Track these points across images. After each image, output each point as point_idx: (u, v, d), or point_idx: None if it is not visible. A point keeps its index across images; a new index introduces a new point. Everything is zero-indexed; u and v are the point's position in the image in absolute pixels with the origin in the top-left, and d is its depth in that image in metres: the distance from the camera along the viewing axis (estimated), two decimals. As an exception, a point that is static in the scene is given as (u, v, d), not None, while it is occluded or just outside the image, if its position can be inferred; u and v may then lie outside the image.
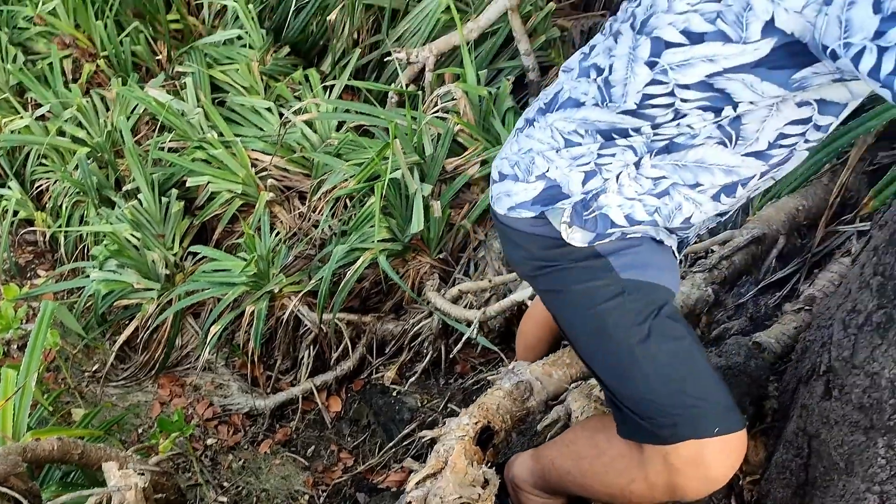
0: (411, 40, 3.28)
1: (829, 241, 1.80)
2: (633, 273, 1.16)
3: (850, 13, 0.79)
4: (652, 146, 1.06)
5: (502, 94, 2.91)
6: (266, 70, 3.48)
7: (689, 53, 0.93)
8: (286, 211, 3.26)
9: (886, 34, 0.77)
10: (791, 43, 0.87)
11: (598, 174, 1.11)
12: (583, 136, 1.11)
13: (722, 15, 0.89)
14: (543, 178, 1.16)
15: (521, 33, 3.05)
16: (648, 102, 1.01)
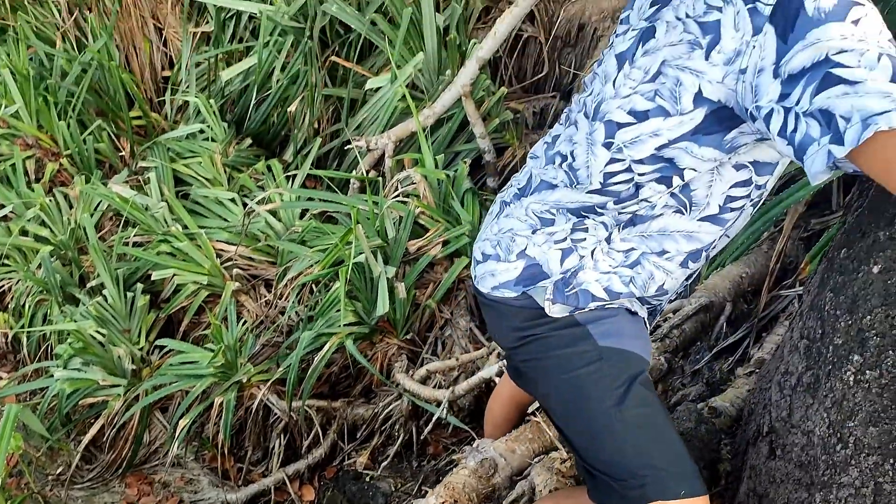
0: (370, 128, 3.42)
1: (773, 306, 1.91)
2: (610, 341, 1.25)
3: (759, 80, 0.92)
4: (619, 220, 1.19)
5: (460, 177, 3.04)
6: (229, 162, 3.59)
7: (638, 130, 1.07)
8: (252, 299, 3.31)
9: (789, 96, 0.88)
10: (719, 109, 1.00)
11: (574, 251, 1.23)
12: (555, 215, 1.24)
13: (659, 92, 1.03)
14: (524, 257, 1.26)
15: (475, 118, 3.21)
16: (611, 180, 1.14)
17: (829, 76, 0.85)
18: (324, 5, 3.35)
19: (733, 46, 0.94)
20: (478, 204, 3.02)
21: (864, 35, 0.86)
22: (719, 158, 1.06)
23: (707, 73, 0.98)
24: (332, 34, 3.55)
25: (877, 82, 0.83)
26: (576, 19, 3.35)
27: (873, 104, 0.83)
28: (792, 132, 0.89)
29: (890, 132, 0.83)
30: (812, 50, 0.86)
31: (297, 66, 3.55)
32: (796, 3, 0.88)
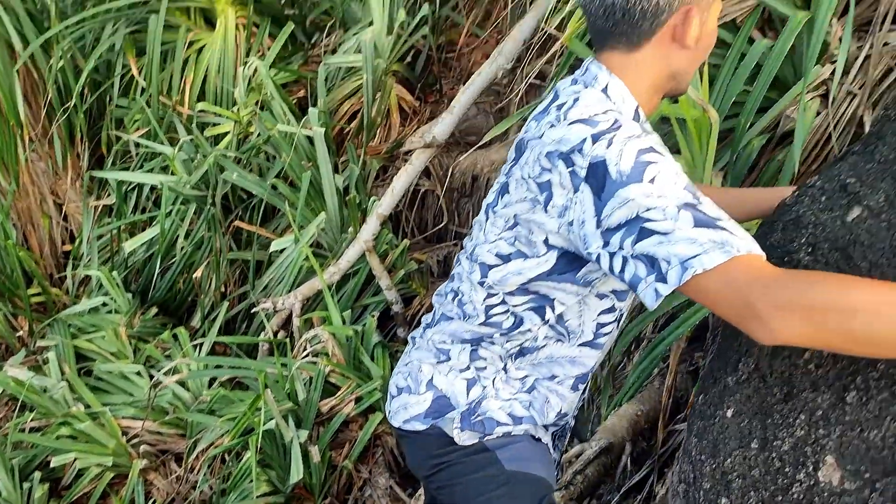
0: (277, 288, 3.48)
1: (670, 441, 2.00)
2: (516, 465, 1.35)
3: (584, 230, 1.09)
4: (510, 352, 1.33)
5: (369, 331, 3.10)
6: (134, 333, 3.56)
7: (505, 270, 1.24)
8: (162, 476, 3.20)
9: (611, 243, 1.05)
10: (566, 252, 1.18)
11: (477, 382, 1.34)
12: (451, 346, 1.36)
13: (517, 238, 1.21)
14: (431, 388, 1.36)
15: (380, 271, 3.32)
16: (492, 312, 1.29)
17: (644, 230, 1.02)
18: (224, 174, 3.48)
19: (562, 202, 1.11)
20: (388, 357, 3.07)
21: (662, 191, 1.02)
22: (580, 292, 1.23)
23: (547, 224, 1.15)
24: (235, 199, 3.66)
25: (683, 231, 0.99)
26: (469, 171, 3.57)
27: (686, 250, 0.99)
28: (621, 272, 1.05)
29: (704, 273, 0.98)
30: (625, 209, 1.03)
31: (201, 232, 3.63)
32: (602, 168, 1.05)
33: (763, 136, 2.28)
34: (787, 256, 1.17)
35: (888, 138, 1.16)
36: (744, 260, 0.99)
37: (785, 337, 0.95)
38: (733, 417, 1.16)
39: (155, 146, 3.70)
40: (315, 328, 3.15)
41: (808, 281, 0.96)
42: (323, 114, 3.36)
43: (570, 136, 1.10)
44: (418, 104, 3.76)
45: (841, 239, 1.12)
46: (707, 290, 1.00)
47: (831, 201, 1.17)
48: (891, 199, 1.10)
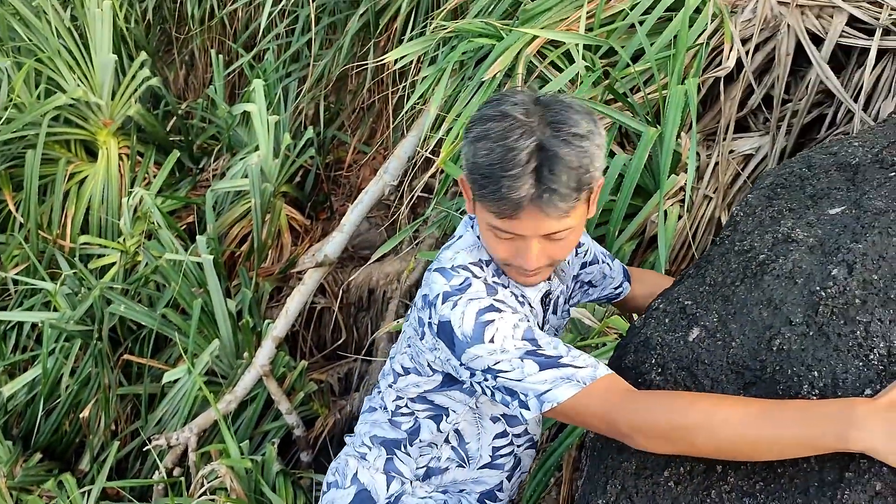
0: (172, 422, 3.37)
1: None
2: None
3: (452, 365, 1.22)
4: (417, 475, 1.43)
5: (269, 460, 3.03)
6: (15, 483, 3.35)
7: (406, 381, 1.36)
8: None
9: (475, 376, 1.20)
10: (447, 374, 1.30)
11: (396, 478, 1.43)
12: (370, 449, 1.45)
13: (413, 357, 1.34)
14: (356, 482, 1.45)
15: (278, 395, 3.28)
16: (398, 411, 1.41)
17: (498, 377, 1.16)
18: (111, 306, 3.40)
19: (430, 341, 1.25)
20: (291, 485, 3.00)
21: (503, 346, 1.15)
22: (467, 402, 1.35)
23: (426, 353, 1.28)
24: (124, 332, 3.57)
25: (531, 376, 1.14)
26: (365, 285, 3.62)
27: (539, 387, 1.13)
28: (492, 395, 1.20)
29: (560, 405, 1.12)
30: (477, 362, 1.17)
31: (88, 368, 3.50)
32: (448, 328, 1.19)
33: (633, 241, 2.44)
34: (641, 378, 1.26)
35: (716, 262, 1.28)
36: (594, 386, 1.13)
37: (647, 448, 1.10)
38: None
39: (35, 283, 3.59)
40: (212, 462, 3.05)
41: (655, 402, 1.10)
42: (212, 240, 3.37)
43: (433, 285, 1.24)
44: (309, 222, 3.83)
45: (685, 358, 1.22)
46: (569, 416, 1.15)
47: (673, 323, 1.27)
48: (723, 319, 1.21)
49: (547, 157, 1.10)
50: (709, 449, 1.05)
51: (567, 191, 1.11)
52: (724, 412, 1.03)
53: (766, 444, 1.01)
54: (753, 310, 1.17)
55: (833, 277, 1.11)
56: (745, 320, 1.17)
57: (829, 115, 2.25)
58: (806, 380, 1.08)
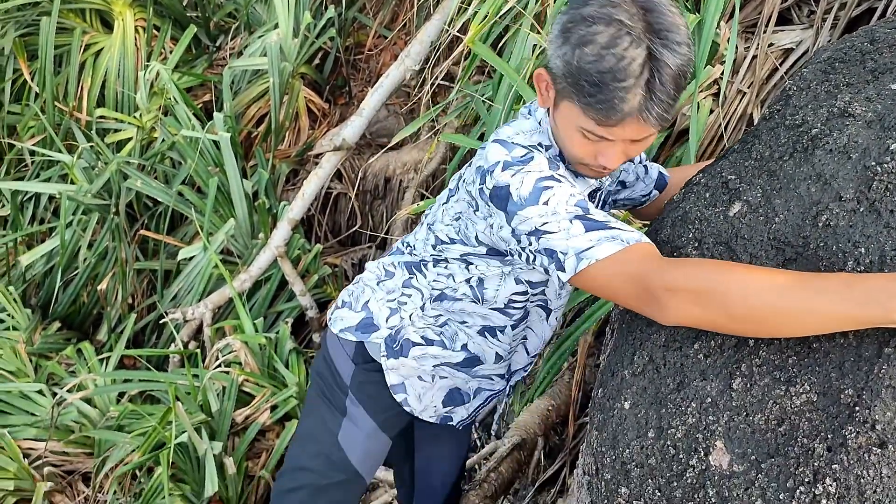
0: (187, 298, 3.40)
1: (581, 434, 2.05)
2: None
3: (501, 234, 1.24)
4: (431, 294, 1.49)
5: (282, 338, 3.06)
6: (35, 350, 3.41)
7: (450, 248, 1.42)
8: (69, 498, 3.07)
9: (520, 242, 1.20)
10: (491, 247, 1.34)
11: (397, 312, 1.52)
12: (395, 269, 1.54)
13: (459, 230, 1.38)
14: (365, 308, 1.56)
15: (293, 276, 3.28)
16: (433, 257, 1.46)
17: (542, 237, 1.16)
18: (128, 181, 3.37)
19: (484, 210, 1.27)
20: (303, 364, 3.04)
21: (555, 209, 1.15)
22: (504, 270, 1.39)
23: (478, 224, 1.31)
24: (140, 208, 3.55)
25: (577, 235, 1.13)
26: (381, 173, 3.56)
27: (581, 244, 1.12)
28: (532, 261, 1.20)
29: (599, 262, 1.10)
30: (526, 225, 1.17)
31: (105, 242, 3.51)
32: (505, 192, 1.20)
33: (662, 133, 2.37)
34: (676, 252, 1.22)
35: (763, 136, 1.22)
36: (635, 248, 1.11)
37: (678, 317, 1.06)
38: (630, 409, 1.20)
39: (52, 154, 3.55)
40: (227, 337, 3.09)
41: (692, 266, 1.08)
42: (229, 118, 3.30)
43: (490, 155, 1.24)
44: (327, 106, 3.74)
45: (724, 233, 1.18)
46: (604, 279, 1.12)
47: (714, 198, 1.22)
48: (767, 194, 1.16)
49: (657, 68, 1.10)
50: (743, 316, 1.01)
51: (671, 101, 1.13)
52: (764, 279, 1.00)
53: (805, 316, 0.98)
54: (801, 185, 1.12)
55: (891, 153, 1.05)
56: (791, 195, 1.13)
57: (879, 8, 2.14)
58: (851, 256, 1.04)
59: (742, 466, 1.07)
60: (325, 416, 1.60)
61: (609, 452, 1.22)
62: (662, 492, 1.13)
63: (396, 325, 1.53)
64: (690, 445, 1.12)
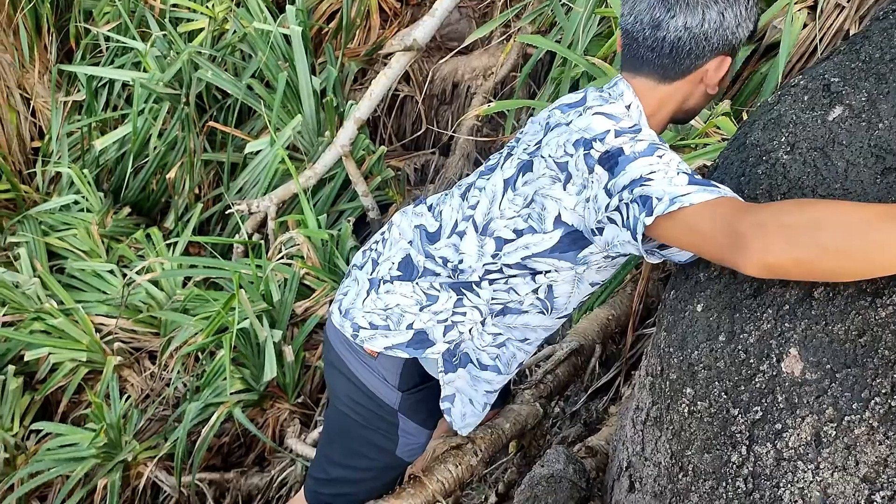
0: (252, 191, 3.44)
1: (639, 345, 2.04)
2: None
3: (597, 203, 1.18)
4: (492, 309, 1.42)
5: (344, 236, 3.09)
6: (106, 232, 3.52)
7: (516, 245, 1.33)
8: (136, 373, 3.23)
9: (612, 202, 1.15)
10: (572, 231, 1.26)
11: (454, 328, 1.45)
12: (439, 291, 1.43)
13: (530, 215, 1.30)
14: (411, 329, 1.46)
15: (356, 177, 3.29)
16: (489, 277, 1.39)
17: (642, 185, 1.12)
18: (199, 72, 3.38)
19: (580, 181, 1.21)
20: (363, 261, 3.07)
21: (668, 162, 1.13)
22: (576, 273, 1.34)
23: (564, 200, 1.24)
24: (210, 99, 3.57)
25: (678, 186, 1.09)
26: (449, 78, 3.50)
27: (677, 190, 1.09)
28: (626, 220, 1.14)
29: (692, 207, 1.06)
30: (628, 175, 1.14)
31: (175, 132, 3.55)
32: (618, 150, 1.17)
33: (748, 47, 2.26)
34: (765, 155, 1.17)
35: (875, 37, 1.15)
36: (730, 199, 1.07)
37: (765, 257, 0.98)
38: (703, 312, 1.18)
39: (126, 41, 3.57)
40: (290, 231, 3.13)
41: (782, 203, 1.01)
42: (301, 12, 3.25)
43: (595, 125, 1.22)
44: (399, 6, 3.65)
45: (820, 138, 1.13)
46: (692, 221, 1.07)
47: (813, 101, 1.16)
48: (872, 99, 1.09)
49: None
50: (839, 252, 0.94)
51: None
52: (864, 212, 0.93)
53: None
54: (911, 90, 1.06)
55: None
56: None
57: None
58: (959, 167, 0.98)
59: (815, 375, 1.05)
60: (374, 439, 1.57)
61: (676, 353, 1.20)
62: (729, 395, 1.12)
63: (455, 339, 1.46)
64: (762, 351, 1.10)
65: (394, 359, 1.49)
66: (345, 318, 1.52)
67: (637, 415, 1.34)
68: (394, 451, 1.57)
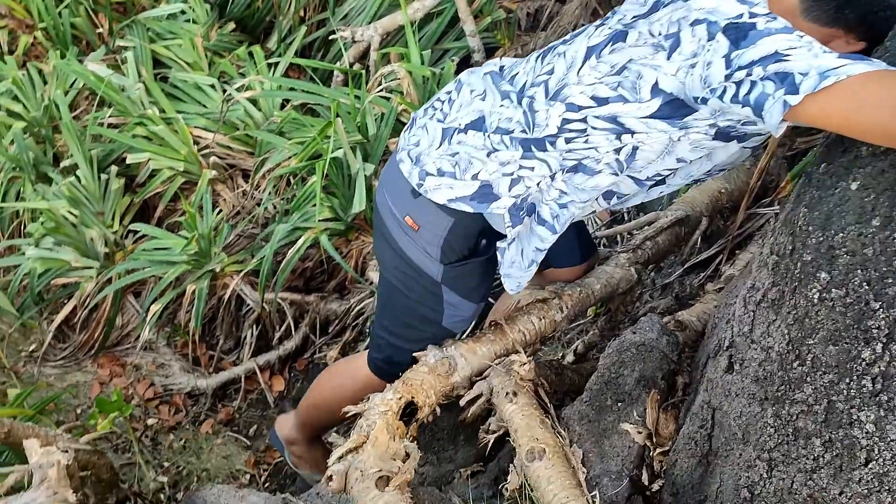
0: (357, 19, 3.28)
1: (749, 224, 1.87)
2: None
3: (708, 70, 1.10)
4: (563, 165, 1.33)
5: (446, 75, 2.92)
6: (210, 46, 3.44)
7: (597, 112, 1.26)
8: (229, 189, 3.24)
9: (734, 74, 1.08)
10: (673, 100, 1.19)
11: (521, 182, 1.37)
12: (508, 146, 1.36)
13: (621, 84, 1.23)
14: (476, 179, 1.39)
15: (466, 14, 3.07)
16: (567, 127, 1.29)
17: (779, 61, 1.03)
18: None
19: (691, 49, 1.14)
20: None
21: (811, 42, 1.04)
22: (669, 132, 1.23)
23: (664, 67, 1.18)
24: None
25: (826, 58, 1.00)
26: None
27: (827, 63, 0.98)
28: (746, 95, 1.06)
29: (848, 79, 0.96)
30: (759, 49, 1.05)
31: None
32: (750, 25, 1.08)
33: None
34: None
35: None
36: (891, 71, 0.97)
37: None
38: (857, 191, 1.02)
39: None
40: (392, 64, 2.99)
41: None
42: None
43: (725, 8, 1.12)
44: None
45: None
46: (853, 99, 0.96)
47: None
48: None
49: None
50: None
51: None
52: None
53: None
54: None
55: None
56: None
57: None
58: None
59: None
60: (421, 310, 1.55)
61: (816, 233, 1.05)
62: (872, 286, 0.98)
63: (522, 194, 1.38)
64: (923, 243, 0.95)
65: (434, 230, 1.44)
66: (415, 165, 1.45)
67: (751, 294, 1.22)
68: (440, 322, 1.56)
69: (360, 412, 1.39)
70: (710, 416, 1.26)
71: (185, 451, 2.93)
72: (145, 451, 2.89)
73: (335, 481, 1.29)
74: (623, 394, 1.39)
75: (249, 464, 2.89)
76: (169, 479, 2.82)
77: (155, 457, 2.89)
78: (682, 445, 1.29)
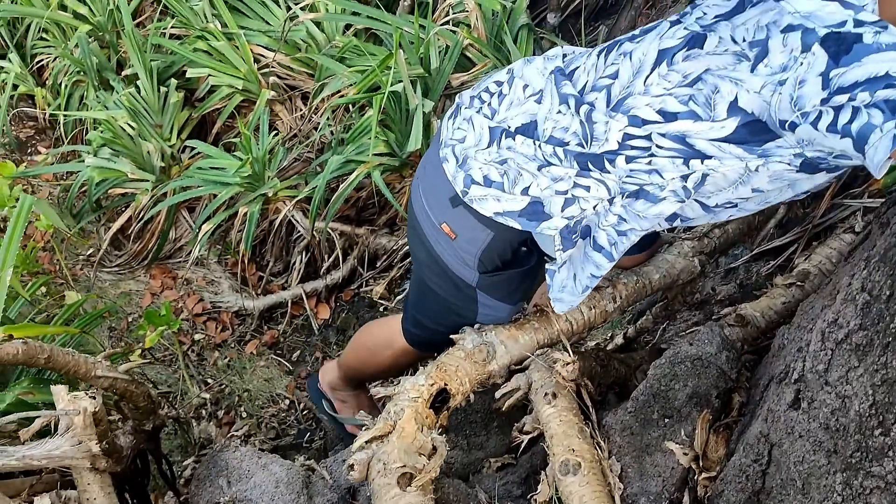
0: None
1: (832, 214, 1.67)
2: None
3: (801, 90, 0.93)
4: (624, 189, 1.16)
5: (517, 10, 2.69)
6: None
7: (664, 129, 1.07)
8: (287, 111, 3.12)
9: (832, 99, 0.90)
10: (753, 122, 1.00)
11: (575, 203, 1.20)
12: (562, 160, 1.18)
13: (694, 98, 1.04)
14: (527, 194, 1.23)
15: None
16: (628, 143, 1.11)
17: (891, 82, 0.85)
18: None
19: (781, 61, 0.95)
20: (532, 42, 2.70)
21: None
22: (746, 159, 1.05)
23: (747, 82, 0.99)
24: None
25: None
26: None
27: None
28: (846, 124, 0.88)
29: None
30: (867, 69, 0.87)
31: None
32: (853, 38, 0.90)
33: None
34: None
35: None
36: None
37: None
38: None
39: None
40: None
41: None
42: None
43: (824, 14, 0.93)
44: None
45: None
46: None
47: None
48: None
49: None
50: None
51: None
52: None
53: None
54: None
55: None
56: None
57: None
58: None
59: None
60: (454, 308, 1.45)
61: (925, 285, 0.88)
62: None
63: (576, 216, 1.21)
64: None
65: (473, 242, 1.31)
66: (460, 167, 1.27)
67: (831, 329, 1.05)
68: (474, 319, 1.46)
69: (390, 396, 1.29)
70: (768, 451, 1.12)
71: (228, 369, 2.93)
72: (190, 365, 2.90)
73: (357, 471, 1.21)
74: (672, 409, 1.26)
75: (290, 389, 2.88)
76: (211, 395, 2.83)
77: (199, 373, 2.90)
78: (732, 476, 1.16)
